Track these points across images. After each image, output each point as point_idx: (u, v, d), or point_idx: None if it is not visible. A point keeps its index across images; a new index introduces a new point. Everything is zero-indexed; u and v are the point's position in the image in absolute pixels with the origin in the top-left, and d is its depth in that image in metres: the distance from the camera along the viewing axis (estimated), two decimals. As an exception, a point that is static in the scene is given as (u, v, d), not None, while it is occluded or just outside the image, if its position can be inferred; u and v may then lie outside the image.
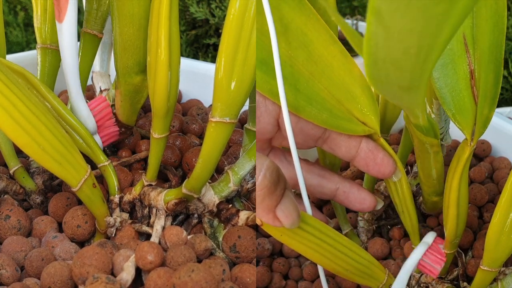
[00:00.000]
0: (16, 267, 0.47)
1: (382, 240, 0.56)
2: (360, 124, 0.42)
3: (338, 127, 0.42)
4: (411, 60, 0.28)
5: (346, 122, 0.42)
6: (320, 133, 0.43)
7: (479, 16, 0.43)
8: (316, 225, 0.42)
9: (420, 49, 0.27)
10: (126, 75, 0.53)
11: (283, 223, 0.38)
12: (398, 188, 0.45)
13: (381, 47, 0.27)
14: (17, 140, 0.41)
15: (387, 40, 0.26)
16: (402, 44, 0.26)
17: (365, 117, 0.42)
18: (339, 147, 0.44)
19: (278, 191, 0.36)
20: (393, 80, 0.30)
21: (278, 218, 0.38)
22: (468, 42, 0.44)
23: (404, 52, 0.27)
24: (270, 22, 0.38)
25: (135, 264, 0.43)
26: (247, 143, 0.54)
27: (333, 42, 0.42)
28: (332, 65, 0.42)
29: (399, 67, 0.29)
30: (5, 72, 0.41)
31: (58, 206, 0.53)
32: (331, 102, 0.42)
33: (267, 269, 0.56)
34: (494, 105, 0.43)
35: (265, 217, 0.38)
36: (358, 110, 0.42)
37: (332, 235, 0.43)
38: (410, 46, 0.26)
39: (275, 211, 0.37)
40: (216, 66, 0.42)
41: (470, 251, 0.54)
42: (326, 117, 0.42)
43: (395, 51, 0.27)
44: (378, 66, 0.29)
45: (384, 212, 0.58)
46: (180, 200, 0.49)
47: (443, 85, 0.44)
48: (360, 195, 0.47)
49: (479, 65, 0.43)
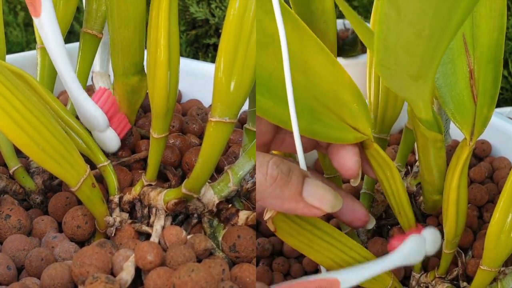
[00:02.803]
0: (8, 265, 0.46)
1: (382, 240, 0.56)
2: (352, 131, 0.41)
3: (329, 138, 0.41)
4: (423, 44, 0.28)
5: (337, 131, 0.41)
6: (315, 142, 0.42)
7: (479, 15, 0.43)
8: (327, 229, 0.42)
9: (433, 31, 0.27)
10: (123, 76, 0.53)
11: (321, 207, 0.36)
12: (394, 190, 0.45)
13: (393, 30, 0.27)
14: (16, 141, 0.41)
15: (399, 23, 0.26)
16: (414, 26, 0.26)
17: (357, 122, 0.41)
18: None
19: (294, 178, 0.35)
20: (402, 67, 0.30)
21: (311, 204, 0.36)
22: (468, 41, 0.44)
23: (417, 35, 0.27)
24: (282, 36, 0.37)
25: (134, 264, 0.43)
26: (247, 143, 0.54)
27: (320, 50, 0.41)
28: (319, 73, 0.41)
29: (410, 52, 0.28)
30: (4, 73, 0.41)
31: (57, 206, 0.53)
32: (321, 111, 0.41)
33: (267, 269, 0.56)
34: (494, 105, 0.43)
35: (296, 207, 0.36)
36: (349, 117, 0.41)
37: (341, 239, 0.43)
38: (423, 28, 0.26)
39: (304, 199, 0.36)
40: (216, 66, 0.42)
41: (470, 251, 0.54)
42: (316, 127, 0.40)
43: (407, 34, 0.27)
44: (388, 51, 0.28)
45: (384, 212, 0.58)
46: (179, 200, 0.49)
47: (443, 84, 0.44)
48: (353, 206, 0.46)
49: (479, 64, 0.43)
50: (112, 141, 0.54)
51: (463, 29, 0.43)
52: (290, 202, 0.36)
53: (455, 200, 0.44)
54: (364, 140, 0.42)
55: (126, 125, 0.55)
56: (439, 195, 0.48)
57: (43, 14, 0.46)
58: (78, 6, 0.59)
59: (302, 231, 0.41)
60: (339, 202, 0.38)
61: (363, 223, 0.46)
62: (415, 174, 0.56)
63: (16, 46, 1.29)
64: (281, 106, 0.39)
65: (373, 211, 0.57)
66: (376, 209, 0.57)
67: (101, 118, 0.52)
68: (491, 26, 0.43)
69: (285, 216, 0.40)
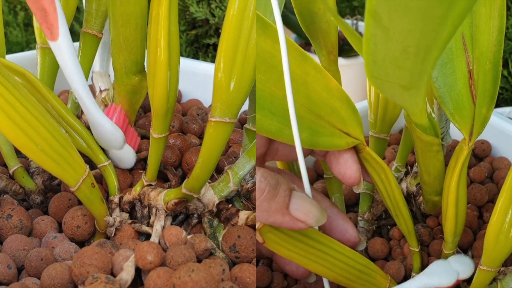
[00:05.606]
0: (9, 264, 0.46)
1: (382, 240, 0.56)
2: (343, 136, 0.41)
3: (320, 145, 0.41)
4: (410, 60, 0.28)
5: (328, 137, 0.41)
6: (309, 150, 0.42)
7: (478, 15, 0.43)
8: (319, 238, 0.42)
9: (418, 49, 0.27)
10: (124, 75, 0.53)
11: (306, 221, 0.36)
12: (389, 193, 0.45)
13: (380, 47, 0.27)
14: (15, 141, 0.41)
15: (386, 41, 0.26)
16: (401, 44, 0.26)
17: (348, 127, 0.41)
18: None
19: (281, 191, 0.36)
20: (393, 79, 0.30)
21: (297, 218, 0.37)
22: (467, 41, 0.44)
23: (403, 51, 0.27)
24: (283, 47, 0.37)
25: (134, 264, 0.43)
26: (247, 143, 0.54)
27: (305, 59, 0.41)
28: (306, 82, 0.41)
29: (398, 66, 0.29)
30: (2, 72, 0.41)
31: (60, 207, 0.53)
32: (310, 119, 0.41)
33: (267, 269, 0.56)
34: (493, 105, 0.43)
35: (282, 221, 0.36)
36: (339, 122, 0.41)
37: (333, 246, 0.43)
38: (409, 45, 0.26)
39: (290, 212, 0.36)
40: (216, 66, 0.42)
41: (470, 250, 0.54)
42: (306, 136, 0.40)
43: (394, 50, 0.27)
44: (377, 66, 0.29)
45: (384, 212, 0.58)
46: (179, 200, 0.49)
47: (442, 85, 0.44)
48: (343, 226, 0.45)
49: (478, 64, 0.43)
50: (130, 156, 0.55)
51: (462, 29, 0.43)
52: (276, 215, 0.36)
53: (454, 200, 0.44)
54: (357, 144, 0.42)
55: (137, 138, 0.55)
56: (438, 196, 0.48)
57: (61, 37, 0.46)
58: (78, 6, 0.59)
59: (292, 240, 0.41)
60: (323, 217, 0.38)
61: (353, 244, 0.46)
62: (415, 174, 0.56)
63: (16, 46, 1.29)
64: (268, 117, 0.39)
65: (373, 211, 0.57)
66: (376, 209, 0.57)
67: (119, 136, 0.52)
68: (491, 26, 0.43)
69: (272, 227, 0.40)
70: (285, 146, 0.43)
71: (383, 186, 0.44)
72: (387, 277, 0.46)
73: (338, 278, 0.44)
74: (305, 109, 0.41)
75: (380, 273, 0.46)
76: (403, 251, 0.55)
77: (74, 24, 1.26)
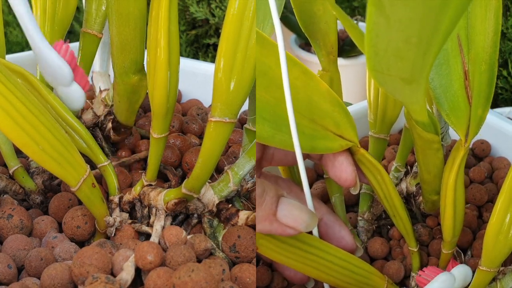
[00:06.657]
0: (9, 264, 0.46)
1: (382, 239, 0.56)
2: (337, 139, 0.41)
3: (314, 149, 0.41)
4: (413, 50, 0.28)
5: (322, 140, 0.41)
6: (304, 155, 0.42)
7: (474, 16, 0.43)
8: (313, 243, 0.42)
9: (421, 38, 0.27)
10: (123, 75, 0.53)
11: (295, 227, 0.37)
12: (386, 194, 0.45)
13: (382, 37, 0.27)
14: (16, 140, 0.41)
15: (388, 30, 0.26)
16: (403, 33, 0.26)
17: (341, 130, 0.41)
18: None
19: (268, 199, 0.36)
20: (394, 72, 0.30)
21: (286, 224, 0.37)
22: (463, 42, 0.44)
23: (405, 41, 0.27)
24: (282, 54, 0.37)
25: (134, 264, 0.43)
26: (247, 143, 0.54)
27: (294, 64, 0.40)
28: (296, 86, 0.41)
29: (400, 57, 0.29)
30: (3, 72, 0.41)
31: (60, 207, 0.53)
32: (303, 123, 0.41)
33: (267, 269, 0.56)
34: (488, 106, 0.43)
35: (270, 228, 0.37)
36: (332, 125, 0.41)
37: (329, 251, 0.43)
38: (411, 35, 0.27)
39: (278, 219, 0.36)
40: (216, 66, 0.43)
41: (469, 250, 0.54)
42: (300, 140, 0.39)
43: (396, 40, 0.27)
44: (379, 57, 0.29)
45: (384, 211, 0.58)
46: (179, 200, 0.49)
47: (437, 85, 0.44)
48: (340, 233, 0.45)
49: (473, 65, 0.43)
50: (78, 96, 0.51)
51: (458, 30, 0.43)
52: (264, 222, 0.37)
53: (452, 200, 0.44)
54: (351, 146, 0.42)
55: (87, 81, 0.52)
56: (437, 195, 0.48)
57: None
58: (78, 6, 0.59)
59: (285, 246, 0.41)
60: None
61: (350, 251, 0.46)
62: (415, 174, 0.56)
63: (16, 46, 1.30)
64: (259, 122, 0.39)
65: (373, 211, 0.57)
66: (376, 209, 0.57)
67: (67, 70, 0.49)
68: (486, 27, 0.43)
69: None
70: (280, 151, 0.43)
71: (380, 187, 0.44)
72: (384, 278, 0.46)
73: (334, 281, 0.43)
74: (297, 114, 0.40)
75: (377, 274, 0.46)
76: (403, 251, 0.55)
77: (74, 24, 1.26)
